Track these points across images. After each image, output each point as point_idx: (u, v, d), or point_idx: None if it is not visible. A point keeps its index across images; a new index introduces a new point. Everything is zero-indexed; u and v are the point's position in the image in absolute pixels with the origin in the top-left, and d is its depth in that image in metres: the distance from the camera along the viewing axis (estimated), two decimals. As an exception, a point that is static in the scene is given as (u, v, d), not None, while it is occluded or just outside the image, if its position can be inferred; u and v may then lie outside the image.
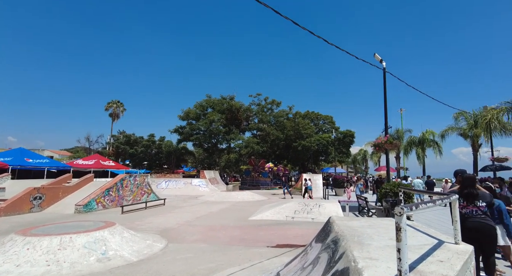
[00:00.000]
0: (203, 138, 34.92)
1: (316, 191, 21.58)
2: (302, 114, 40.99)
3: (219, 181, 29.88)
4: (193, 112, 35.20)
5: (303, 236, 7.82)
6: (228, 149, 36.81)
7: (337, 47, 6.33)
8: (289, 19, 4.52)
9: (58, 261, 5.00)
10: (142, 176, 17.85)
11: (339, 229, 3.45)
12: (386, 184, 9.23)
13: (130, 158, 40.95)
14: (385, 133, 10.83)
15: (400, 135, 31.86)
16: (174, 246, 6.82)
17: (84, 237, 5.70)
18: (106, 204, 13.85)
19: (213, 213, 12.71)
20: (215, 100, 36.83)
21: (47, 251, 5.15)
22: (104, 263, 5.31)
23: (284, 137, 36.07)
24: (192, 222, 10.32)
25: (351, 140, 39.96)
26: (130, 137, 41.77)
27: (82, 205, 12.45)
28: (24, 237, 5.38)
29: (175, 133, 36.79)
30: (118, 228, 6.61)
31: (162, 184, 25.22)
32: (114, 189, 14.57)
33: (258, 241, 7.36)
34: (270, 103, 38.66)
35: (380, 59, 10.69)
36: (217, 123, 33.77)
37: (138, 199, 16.03)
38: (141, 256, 5.87)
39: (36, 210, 12.50)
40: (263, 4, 4.22)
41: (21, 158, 21.25)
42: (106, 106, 49.98)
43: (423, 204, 2.07)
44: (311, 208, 11.43)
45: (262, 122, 37.28)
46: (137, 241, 6.59)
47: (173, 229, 8.89)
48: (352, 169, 71.56)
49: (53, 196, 13.50)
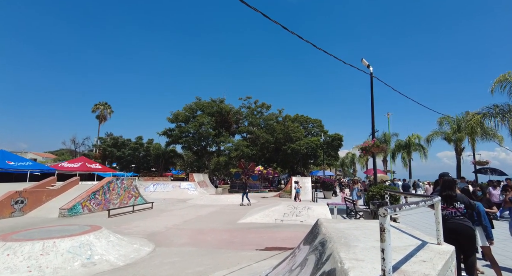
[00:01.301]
0: (192, 141, 34.63)
1: (305, 194, 21.70)
2: (291, 118, 41.30)
3: (208, 184, 29.66)
4: (182, 115, 34.92)
5: (292, 239, 7.85)
6: (218, 152, 36.64)
7: (325, 52, 6.45)
8: (278, 24, 4.59)
9: (40, 267, 4.86)
10: (129, 179, 17.54)
11: (327, 231, 3.49)
12: (373, 187, 9.40)
13: (117, 161, 40.17)
14: (372, 136, 11.05)
15: (387, 139, 32.50)
16: (161, 250, 6.72)
17: (68, 241, 5.56)
18: (92, 208, 13.54)
19: (202, 216, 12.60)
20: (205, 102, 36.68)
21: (28, 256, 5.00)
22: (89, 268, 5.19)
23: (273, 140, 36.22)
24: (180, 225, 10.20)
25: (339, 144, 40.48)
26: (117, 139, 41.01)
27: (66, 209, 12.14)
28: (4, 243, 5.19)
29: (164, 135, 36.38)
30: (104, 232, 6.47)
31: (150, 188, 24.85)
32: (101, 193, 14.26)
33: (247, 244, 7.35)
34: (260, 106, 38.78)
35: (367, 64, 10.93)
36: (207, 125, 33.63)
37: (125, 202, 15.74)
38: (128, 261, 5.77)
39: (18, 214, 12.10)
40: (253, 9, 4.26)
41: (2, 160, 20.52)
42: (93, 108, 49.00)
43: (407, 205, 2.13)
44: (300, 211, 11.50)
45: (252, 125, 37.35)
46: (124, 245, 6.47)
47: (161, 233, 8.77)
48: (341, 172, 72.42)
49: (36, 199, 13.10)
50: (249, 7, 3.94)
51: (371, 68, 10.75)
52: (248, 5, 3.89)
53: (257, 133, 35.68)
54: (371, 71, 10.78)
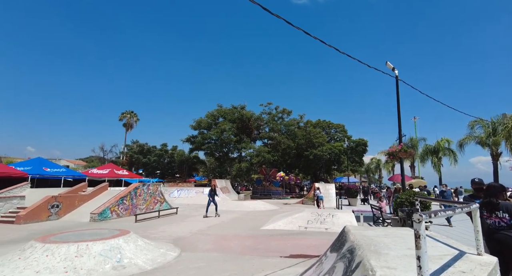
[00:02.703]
0: (214, 147, 35.17)
1: (329, 201, 21.25)
2: (313, 123, 40.84)
3: (230, 190, 29.85)
4: (205, 122, 35.63)
5: (317, 247, 7.69)
6: (239, 158, 36.91)
7: (349, 56, 6.37)
8: (300, 29, 4.61)
9: (75, 268, 5.10)
10: (155, 185, 18.06)
11: (355, 238, 3.40)
12: (401, 194, 9.03)
13: (143, 167, 41.57)
14: (399, 141, 10.67)
15: (414, 144, 31.24)
16: (187, 255, 6.83)
17: (100, 244, 5.80)
18: (120, 213, 14.05)
19: (225, 222, 12.68)
20: (226, 109, 37.23)
21: (65, 258, 5.27)
22: (119, 271, 5.37)
23: (295, 146, 35.94)
24: (204, 231, 10.32)
25: (364, 149, 39.40)
26: (143, 146, 42.54)
27: (97, 214, 12.68)
28: (43, 244, 5.52)
29: (187, 142, 37.25)
30: (133, 236, 6.69)
31: (174, 193, 25.40)
32: (128, 198, 14.78)
33: (271, 251, 7.29)
34: (280, 112, 38.74)
35: (392, 67, 10.63)
36: (228, 132, 34.04)
37: (151, 208, 16.19)
38: (155, 265, 5.91)
39: (54, 218, 12.80)
40: (276, 16, 4.32)
41: (39, 167, 21.90)
42: (120, 116, 51.19)
43: (442, 211, 2.04)
44: (324, 218, 11.26)
45: (273, 131, 37.33)
46: (151, 250, 6.64)
47: (186, 238, 8.92)
48: (366, 178, 70.30)
49: (69, 204, 13.81)
50: (272, 14, 4.01)
51: (396, 71, 10.44)
52: (271, 13, 3.95)
53: (278, 139, 35.60)
54: (396, 74, 10.47)
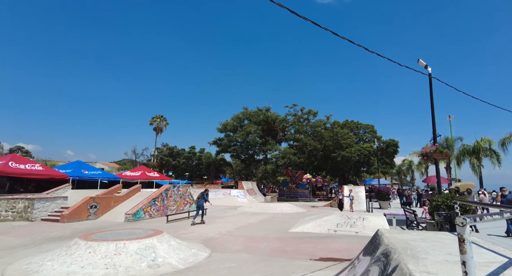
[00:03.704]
0: (240, 150, 35.55)
1: (358, 204, 20.65)
2: (340, 124, 39.93)
3: (256, 192, 29.99)
4: (231, 124, 36.14)
5: (347, 250, 7.52)
6: (265, 160, 36.97)
7: (379, 55, 6.18)
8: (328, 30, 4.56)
9: (114, 265, 5.40)
10: (184, 186, 18.60)
11: (389, 241, 3.30)
12: (437, 196, 8.56)
13: (173, 169, 42.97)
14: (434, 141, 10.13)
15: (450, 144, 29.46)
16: (217, 255, 6.97)
17: (136, 244, 6.09)
18: (152, 213, 14.63)
19: (252, 224, 12.76)
20: (251, 112, 37.50)
21: (105, 255, 5.60)
22: (154, 269, 5.60)
23: (322, 148, 35.34)
24: (233, 232, 10.47)
25: (395, 150, 37.84)
26: (172, 149, 43.99)
27: (131, 214, 13.30)
28: (86, 242, 5.91)
29: (214, 145, 37.98)
30: (166, 236, 6.95)
31: (202, 195, 25.97)
32: (160, 199, 15.36)
33: (300, 253, 7.23)
34: (306, 113, 38.32)
35: (425, 65, 10.14)
36: (254, 134, 34.26)
37: (181, 208, 16.70)
38: (187, 264, 6.09)
39: (92, 217, 13.62)
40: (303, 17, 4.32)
41: (79, 170, 23.41)
42: (151, 120, 53.37)
43: (489, 215, 1.93)
44: (354, 221, 10.97)
45: (298, 132, 37.02)
46: (183, 249, 6.86)
47: (216, 239, 9.10)
48: (397, 180, 67.34)
49: (106, 205, 14.61)
50: (299, 17, 4.02)
51: (430, 68, 9.94)
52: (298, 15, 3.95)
53: (304, 140, 35.22)
54: (430, 71, 9.96)
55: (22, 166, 17.62)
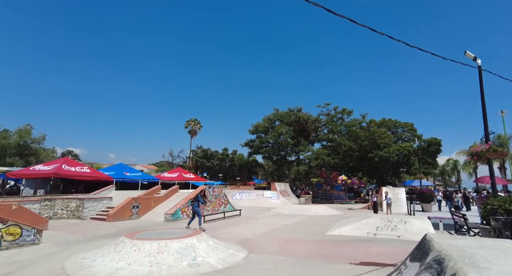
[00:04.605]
0: (272, 151, 35.55)
1: (398, 206, 19.59)
2: (377, 122, 38.24)
3: (290, 194, 29.73)
4: (262, 126, 36.28)
5: (389, 255, 7.15)
6: (297, 161, 36.55)
7: (420, 49, 5.79)
8: (366, 27, 4.36)
9: (158, 263, 5.65)
10: (219, 187, 18.99)
11: (441, 247, 3.07)
12: (493, 199, 7.80)
13: (207, 171, 44.18)
14: (486, 140, 9.27)
15: (503, 142, 26.80)
16: (254, 256, 6.99)
17: (176, 243, 6.32)
18: (190, 214, 15.09)
19: (287, 226, 12.65)
20: (283, 112, 37.32)
21: (148, 253, 5.88)
22: (194, 268, 5.77)
23: (357, 148, 34.11)
24: (268, 233, 10.45)
25: (437, 149, 35.38)
26: (206, 151, 45.26)
27: (170, 214, 13.86)
28: (131, 240, 6.26)
29: (246, 146, 38.39)
30: (204, 236, 7.13)
31: (236, 196, 26.33)
32: (196, 200, 15.81)
33: (339, 257, 7.02)
34: (340, 112, 37.27)
35: (474, 57, 9.34)
36: (285, 135, 34.03)
37: (216, 209, 17.06)
38: (225, 264, 6.19)
39: (135, 217, 14.41)
40: (340, 16, 4.20)
41: (121, 172, 24.92)
42: (186, 124, 55.30)
43: None
44: (395, 224, 10.41)
45: (332, 132, 36.10)
46: (221, 250, 6.99)
47: (252, 240, 9.15)
48: (440, 181, 62.84)
49: (147, 205, 15.38)
50: (335, 15, 3.89)
51: (479, 60, 9.13)
52: (334, 13, 3.84)
53: (338, 140, 34.25)
54: (479, 64, 9.14)
55: (73, 168, 19.18)
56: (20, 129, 33.37)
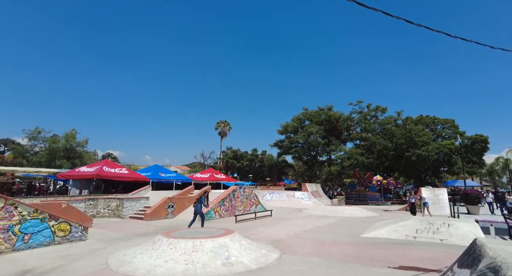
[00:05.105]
0: (302, 151, 35.04)
1: (439, 208, 18.36)
2: (413, 120, 36.18)
3: (322, 195, 29.11)
4: (291, 126, 35.93)
5: (432, 260, 6.70)
6: (329, 161, 35.68)
7: (464, 39, 5.31)
8: (401, 19, 4.09)
9: (193, 262, 5.79)
10: (250, 188, 19.12)
11: (496, 254, 2.80)
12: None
13: (237, 171, 44.74)
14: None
15: None
16: (287, 257, 6.92)
17: (210, 242, 6.44)
18: (222, 213, 15.38)
19: (320, 227, 12.38)
20: (312, 112, 36.66)
21: (184, 252, 6.05)
22: (228, 268, 5.83)
23: (393, 147, 32.52)
24: (301, 235, 10.30)
25: (483, 147, 32.66)
26: (236, 152, 45.84)
27: (205, 214, 14.18)
28: (167, 239, 6.49)
29: (275, 147, 38.25)
30: (237, 236, 7.19)
31: (266, 196, 26.34)
32: (228, 200, 16.07)
33: (376, 260, 6.71)
34: (373, 110, 35.81)
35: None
36: (316, 135, 33.38)
37: (247, 209, 17.19)
38: (258, 265, 6.18)
39: (170, 216, 14.96)
40: (372, 9, 4.01)
41: (156, 173, 26.09)
42: (216, 125, 56.53)
43: None
44: (437, 227, 9.75)
45: (365, 131, 34.76)
46: (253, 250, 7.00)
47: (284, 241, 9.07)
48: (489, 182, 57.87)
49: (181, 205, 15.90)
50: (368, 8, 3.71)
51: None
52: (366, 7, 3.66)
53: (372, 139, 32.90)
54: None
55: (113, 170, 20.40)
56: (66, 134, 36.29)
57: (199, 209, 10.64)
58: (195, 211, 10.70)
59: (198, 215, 10.79)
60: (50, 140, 35.12)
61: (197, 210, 10.62)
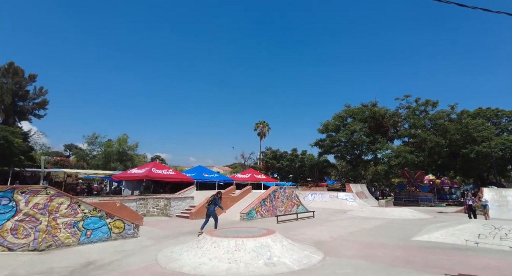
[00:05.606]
0: (344, 150, 33.67)
1: (508, 211, 16.34)
2: (471, 113, 32.72)
3: (367, 195, 27.72)
4: (332, 124, 34.74)
5: (500, 269, 5.97)
6: (375, 160, 33.79)
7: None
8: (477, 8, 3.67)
9: (236, 260, 5.88)
10: (290, 188, 18.94)
11: None
12: None
13: (277, 172, 44.62)
14: None
15: None
16: (331, 259, 6.69)
17: (252, 241, 6.48)
18: (263, 213, 15.44)
19: (367, 229, 11.78)
20: (355, 109, 35.02)
21: (227, 250, 6.17)
22: (270, 268, 5.81)
23: (447, 143, 29.74)
24: (345, 237, 9.91)
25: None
26: (276, 152, 45.78)
27: (245, 213, 14.40)
28: (211, 237, 6.68)
29: (316, 146, 37.29)
30: (278, 236, 7.14)
31: (308, 197, 25.86)
32: (269, 200, 16.09)
33: (431, 266, 6.16)
34: (423, 104, 33.15)
35: None
36: (359, 133, 31.83)
37: (289, 210, 17.03)
38: (301, 266, 6.06)
39: (213, 215, 15.41)
40: (444, 2, 3.66)
41: (200, 173, 27.14)
42: (255, 126, 57.11)
43: None
44: (506, 232, 8.67)
45: (414, 127, 32.26)
46: (296, 251, 6.89)
47: (327, 242, 8.80)
48: None
49: (223, 204, 16.14)
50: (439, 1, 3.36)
51: None
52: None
53: (423, 135, 30.42)
54: None
55: (161, 171, 21.68)
56: (119, 138, 39.53)
57: (213, 211, 10.26)
58: (208, 212, 10.31)
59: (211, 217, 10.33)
60: (105, 144, 38.60)
61: (211, 211, 10.25)
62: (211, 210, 10.19)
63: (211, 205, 10.27)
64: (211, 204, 10.29)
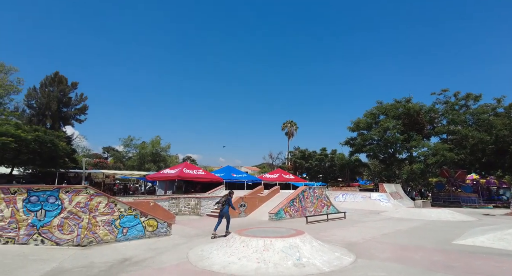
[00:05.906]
0: (377, 149, 32.32)
1: None
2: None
3: (402, 196, 26.37)
4: (363, 122, 33.52)
5: (557, 278, 5.37)
6: (410, 158, 32.06)
7: None
8: None
9: (264, 260, 5.87)
10: (320, 188, 18.56)
11: None
12: None
13: (306, 172, 43.99)
14: None
15: None
16: (363, 261, 6.44)
17: (281, 242, 6.43)
18: (292, 214, 15.29)
19: (401, 231, 11.21)
20: (388, 105, 33.49)
21: (255, 250, 6.18)
22: (300, 269, 5.72)
23: (492, 140, 27.42)
24: (378, 238, 9.50)
25: None
26: (304, 152, 45.15)
27: (273, 213, 14.35)
28: (240, 237, 6.73)
29: (346, 145, 36.21)
30: (308, 237, 7.02)
31: (339, 197, 25.19)
32: (297, 200, 15.90)
33: (475, 272, 5.71)
34: (463, 98, 30.91)
35: None
36: (393, 130, 30.38)
37: (318, 210, 16.70)
38: (332, 267, 5.91)
39: (242, 215, 15.56)
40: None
41: (229, 173, 27.60)
42: (283, 126, 56.85)
43: None
44: None
45: (453, 123, 30.16)
46: (326, 252, 6.72)
47: (359, 244, 8.49)
48: None
49: (252, 204, 16.39)
50: None
51: None
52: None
53: (463, 132, 28.34)
54: None
55: (191, 171, 22.33)
56: (152, 140, 41.37)
57: (226, 212, 9.90)
58: (221, 213, 9.96)
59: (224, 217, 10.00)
60: (140, 146, 40.60)
61: (224, 212, 9.90)
62: (225, 211, 9.91)
63: (224, 205, 9.96)
64: (224, 204, 9.98)
